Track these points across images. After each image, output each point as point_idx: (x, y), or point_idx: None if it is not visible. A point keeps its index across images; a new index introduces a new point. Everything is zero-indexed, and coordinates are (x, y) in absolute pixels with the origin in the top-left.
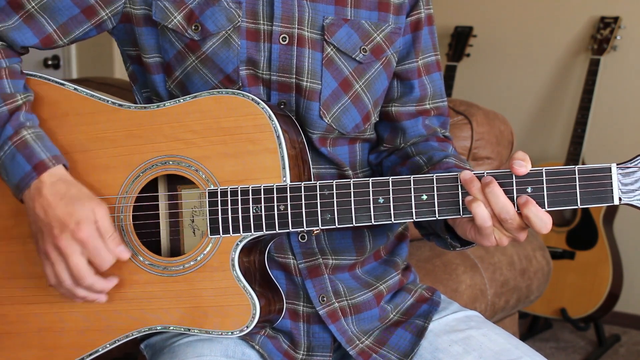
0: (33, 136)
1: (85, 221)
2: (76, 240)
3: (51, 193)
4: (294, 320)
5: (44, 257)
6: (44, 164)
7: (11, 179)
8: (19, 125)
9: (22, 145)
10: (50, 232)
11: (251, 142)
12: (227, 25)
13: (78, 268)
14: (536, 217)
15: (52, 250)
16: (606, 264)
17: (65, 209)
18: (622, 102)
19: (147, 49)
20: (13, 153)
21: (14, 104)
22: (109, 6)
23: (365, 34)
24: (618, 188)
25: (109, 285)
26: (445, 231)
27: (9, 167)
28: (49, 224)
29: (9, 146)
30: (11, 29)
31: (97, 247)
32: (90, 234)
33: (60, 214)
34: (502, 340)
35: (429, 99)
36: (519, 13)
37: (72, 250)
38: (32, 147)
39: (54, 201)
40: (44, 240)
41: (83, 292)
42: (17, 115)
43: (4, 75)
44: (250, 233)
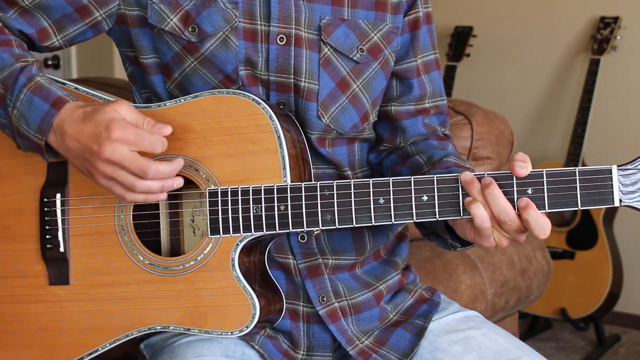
0: (47, 80)
1: (112, 121)
2: (116, 141)
3: (72, 122)
4: (294, 320)
5: (104, 180)
6: (61, 99)
7: (32, 125)
8: (32, 74)
9: (38, 88)
10: (91, 153)
11: (252, 142)
12: (225, 26)
13: (135, 162)
14: (535, 222)
15: (105, 165)
16: (606, 264)
17: (90, 124)
18: (622, 102)
19: (143, 50)
20: (30, 98)
21: (25, 61)
22: (103, 7)
23: (363, 33)
24: (618, 190)
25: (175, 166)
26: (445, 231)
27: (28, 113)
28: (86, 146)
29: (24, 93)
30: (8, 18)
31: (138, 135)
32: (123, 129)
33: (89, 131)
34: (502, 340)
35: (428, 97)
36: (519, 13)
37: (119, 152)
38: (48, 88)
39: (77, 127)
40: (94, 164)
41: (157, 184)
42: (30, 68)
43: (14, 44)
44: (251, 233)
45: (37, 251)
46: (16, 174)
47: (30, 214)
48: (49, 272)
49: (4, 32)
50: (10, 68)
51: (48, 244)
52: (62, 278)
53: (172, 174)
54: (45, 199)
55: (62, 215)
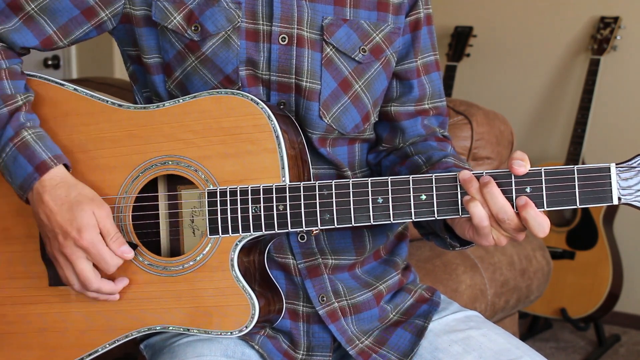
0: (34, 137)
1: (86, 227)
2: (79, 247)
3: (52, 199)
4: (294, 320)
5: (54, 260)
6: (45, 164)
7: (15, 181)
8: (20, 126)
9: (24, 146)
10: (55, 239)
11: (250, 142)
12: (227, 25)
13: (84, 274)
14: (534, 220)
15: (59, 255)
16: (606, 264)
17: (67, 215)
18: (622, 102)
19: (147, 50)
20: (15, 155)
21: (14, 105)
22: (109, 7)
23: (365, 34)
24: (617, 188)
25: (117, 287)
26: (444, 231)
27: (12, 169)
28: (53, 230)
29: (10, 148)
30: (11, 30)
31: (100, 252)
32: (92, 240)
33: (62, 220)
34: (502, 340)
35: (427, 98)
36: (519, 13)
37: (76, 257)
38: (33, 147)
39: (54, 207)
40: (51, 246)
41: (93, 294)
42: (18, 116)
43: (4, 77)
44: (250, 233)
45: (37, 252)
46: None
47: (30, 215)
48: (48, 273)
49: None
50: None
51: None
52: None
53: (112, 292)
54: None
55: None
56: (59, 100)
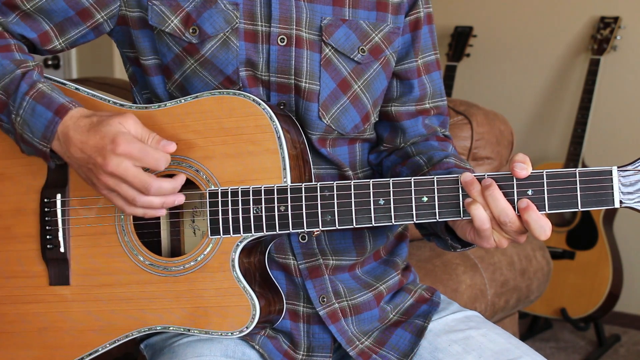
0: (49, 87)
1: (118, 135)
2: (120, 155)
3: (77, 132)
4: (294, 321)
5: (106, 191)
6: (64, 106)
7: (36, 133)
8: (34, 81)
9: (40, 95)
10: (95, 164)
11: (252, 142)
12: (225, 27)
13: (139, 177)
14: (536, 223)
15: (108, 178)
16: (606, 264)
17: (96, 136)
18: (622, 102)
19: (144, 52)
20: (32, 106)
21: (26, 67)
22: (104, 9)
23: (364, 34)
24: (619, 191)
25: (177, 183)
26: (445, 232)
27: (31, 121)
28: (90, 157)
29: (27, 101)
30: (10, 23)
31: (142, 151)
32: (129, 143)
33: (94, 143)
34: (502, 340)
35: (428, 98)
36: (519, 13)
37: (123, 167)
38: (50, 95)
39: (83, 136)
40: (97, 175)
41: (158, 200)
42: (31, 74)
43: (14, 49)
44: (251, 234)
45: (37, 251)
46: (17, 174)
47: (30, 214)
48: (49, 272)
49: (4, 36)
50: (11, 75)
51: (48, 244)
52: (63, 278)
53: (174, 190)
54: (46, 199)
55: (63, 216)
56: None
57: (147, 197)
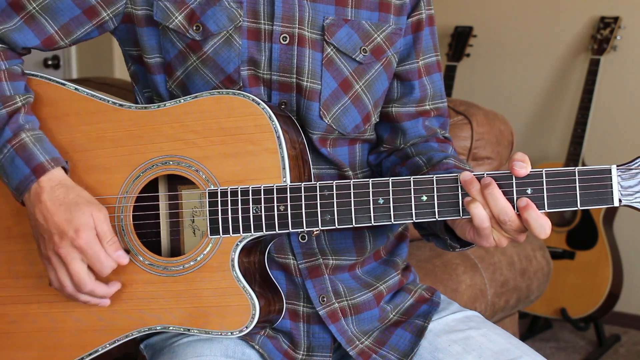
0: (32, 139)
1: (84, 228)
2: (75, 248)
3: (50, 199)
4: (294, 321)
5: (46, 261)
6: (42, 166)
7: (11, 182)
8: (18, 127)
9: (21, 148)
10: (50, 239)
11: (251, 142)
12: (229, 25)
13: (79, 275)
14: (535, 222)
15: (53, 256)
16: (606, 264)
17: (64, 215)
18: (622, 102)
19: (148, 49)
20: (12, 156)
21: (13, 106)
22: (110, 7)
23: (366, 34)
24: (618, 190)
25: (110, 290)
26: (444, 232)
27: (9, 170)
28: (49, 230)
29: (8, 149)
30: (12, 30)
31: (96, 253)
32: (88, 241)
33: (59, 221)
34: (502, 340)
35: (429, 99)
36: (519, 13)
37: (71, 258)
38: (31, 150)
39: (52, 207)
40: (45, 246)
41: (85, 297)
42: (17, 118)
43: (3, 78)
44: (250, 233)
45: (37, 251)
46: None
47: None
48: None
49: None
50: None
51: None
52: None
53: (105, 296)
54: None
55: None
56: (59, 99)
57: (74, 292)
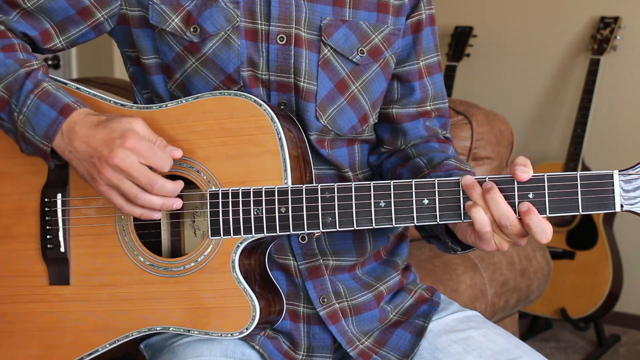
0: (54, 87)
1: (128, 130)
2: (128, 149)
3: (85, 126)
4: (294, 321)
5: (106, 187)
6: (69, 106)
7: (38, 131)
8: (39, 80)
9: (45, 94)
10: (101, 157)
11: (253, 143)
12: (226, 25)
13: (144, 173)
14: (537, 227)
15: (112, 172)
16: (606, 264)
17: (105, 130)
18: (622, 102)
19: (145, 51)
20: (37, 104)
21: (31, 67)
22: (105, 8)
23: (364, 35)
24: (620, 195)
25: (178, 186)
26: (445, 235)
27: (34, 119)
28: (96, 149)
29: (31, 99)
30: (11, 21)
31: (150, 149)
32: (138, 140)
33: (102, 136)
34: (502, 340)
35: (430, 100)
36: (519, 13)
37: (129, 161)
38: (55, 94)
39: (90, 131)
40: (99, 169)
41: (159, 200)
42: (35, 74)
43: (18, 49)
44: (251, 235)
45: (37, 251)
46: (17, 173)
47: (30, 214)
48: (49, 272)
49: (7, 35)
50: (15, 74)
51: (48, 244)
52: (63, 278)
53: (175, 193)
54: (46, 199)
55: (63, 216)
56: None
57: (149, 196)
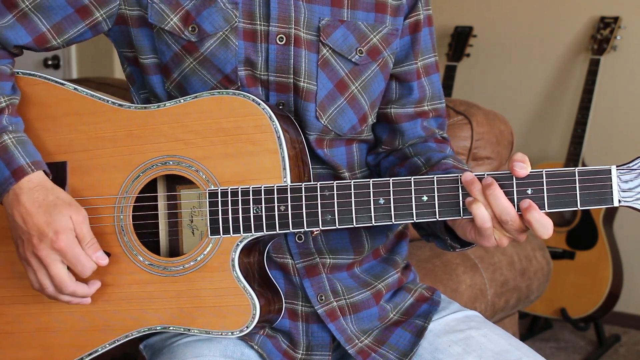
0: (14, 141)
1: (63, 230)
2: (55, 250)
3: (29, 201)
4: (293, 320)
5: (25, 263)
6: (22, 169)
7: None
8: (1, 129)
9: (3, 150)
10: (29, 241)
11: (252, 142)
12: (224, 25)
13: (59, 277)
14: (538, 223)
15: (32, 258)
16: (606, 264)
17: (44, 217)
18: (622, 102)
19: (143, 50)
20: None
21: None
22: (104, 7)
23: (362, 35)
24: (618, 190)
25: (91, 290)
26: (445, 232)
27: None
28: (28, 232)
29: None
30: (4, 27)
31: (76, 256)
32: (68, 243)
33: (39, 222)
34: (502, 340)
35: (427, 100)
36: (519, 13)
37: (51, 259)
38: (12, 152)
39: (31, 209)
40: (24, 248)
41: (67, 297)
42: (0, 119)
43: None
44: (251, 233)
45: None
46: None
47: None
48: None
49: None
50: None
51: None
52: None
53: (86, 295)
54: None
55: None
56: (58, 99)
57: (57, 293)
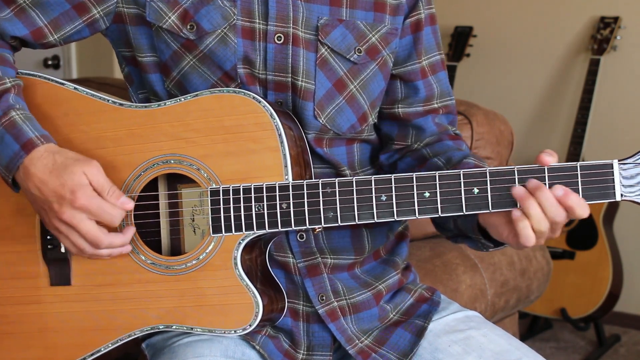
0: (22, 117)
1: (79, 187)
2: (77, 209)
3: (39, 169)
4: (294, 320)
5: (56, 232)
6: (32, 142)
7: (1, 160)
8: (8, 106)
9: (11, 125)
10: (51, 209)
11: (253, 140)
12: (223, 23)
13: (91, 233)
14: (578, 205)
15: (60, 224)
16: (606, 264)
17: (57, 181)
18: (622, 102)
19: (141, 49)
20: (2, 134)
21: (3, 86)
22: (101, 4)
23: (361, 34)
24: (620, 184)
25: (127, 237)
26: (477, 232)
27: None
28: (47, 200)
29: None
30: (2, 19)
31: (99, 207)
32: (87, 198)
33: (54, 187)
34: (502, 341)
35: (436, 98)
36: (519, 13)
37: (78, 220)
38: (21, 126)
39: (43, 177)
40: (49, 217)
41: (106, 251)
42: (7, 97)
43: None
44: (253, 231)
45: (38, 252)
46: None
47: (30, 215)
48: (50, 272)
49: None
50: None
51: (49, 245)
52: (63, 278)
53: (124, 244)
54: None
55: None
56: (59, 99)
57: (95, 250)
